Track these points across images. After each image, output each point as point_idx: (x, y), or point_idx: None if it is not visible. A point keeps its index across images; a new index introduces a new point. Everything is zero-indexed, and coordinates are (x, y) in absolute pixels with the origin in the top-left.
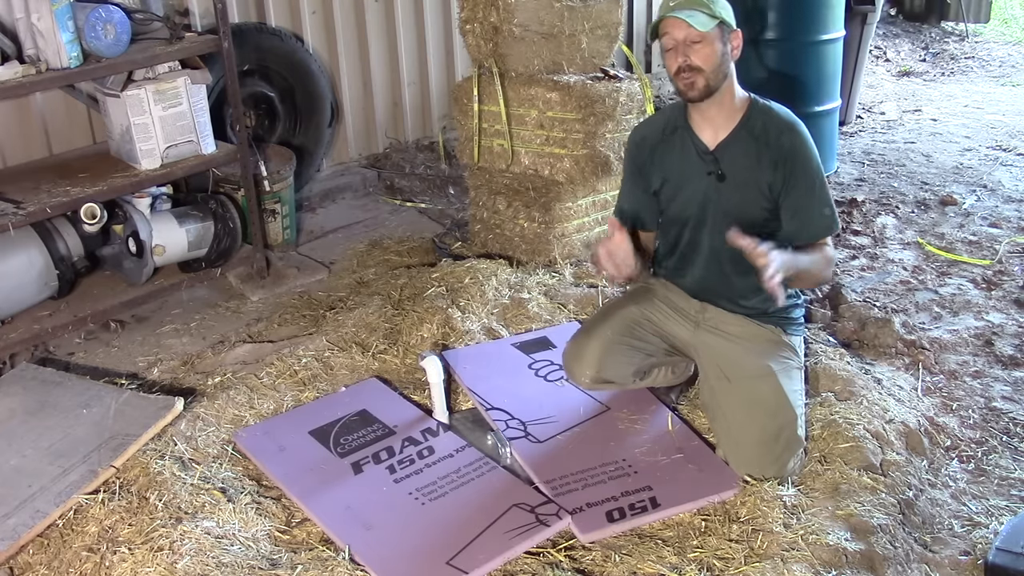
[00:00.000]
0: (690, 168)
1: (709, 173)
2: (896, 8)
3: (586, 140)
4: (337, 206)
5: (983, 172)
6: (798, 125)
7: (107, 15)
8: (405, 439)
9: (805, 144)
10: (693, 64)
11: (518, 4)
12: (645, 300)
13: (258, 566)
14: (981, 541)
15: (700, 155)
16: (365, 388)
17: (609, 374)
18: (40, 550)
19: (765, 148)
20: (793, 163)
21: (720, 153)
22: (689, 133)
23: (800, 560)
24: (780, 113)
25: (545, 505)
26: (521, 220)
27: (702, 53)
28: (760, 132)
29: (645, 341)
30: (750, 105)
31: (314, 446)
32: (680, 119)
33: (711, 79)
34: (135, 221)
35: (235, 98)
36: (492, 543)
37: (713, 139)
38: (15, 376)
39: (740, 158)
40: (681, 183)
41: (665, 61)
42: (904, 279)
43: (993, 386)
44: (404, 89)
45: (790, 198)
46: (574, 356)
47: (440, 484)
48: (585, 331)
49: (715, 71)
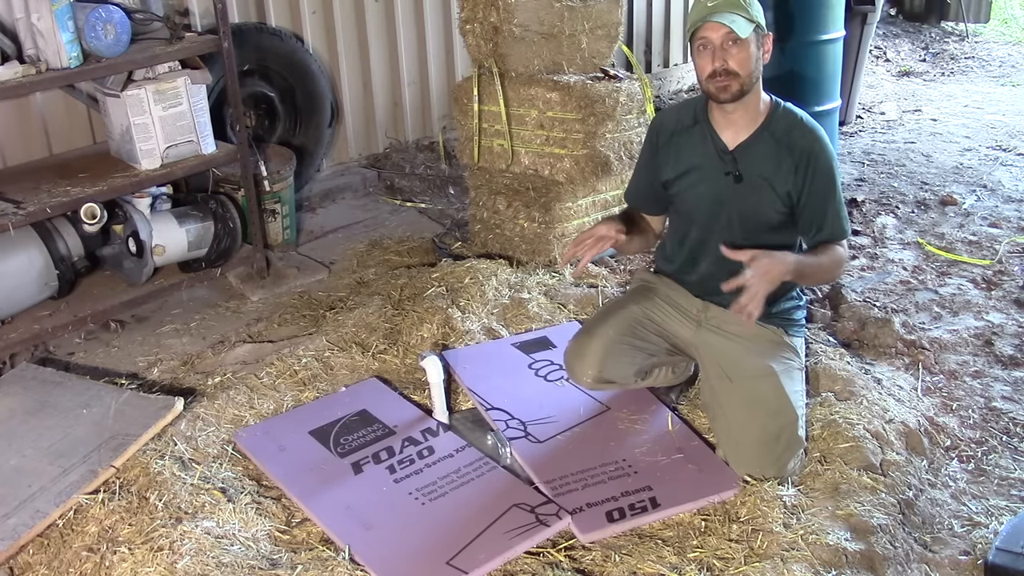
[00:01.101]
0: (707, 164)
1: (727, 173)
2: (896, 8)
3: (586, 140)
4: (337, 206)
5: (983, 172)
6: (820, 131)
7: (107, 15)
8: (405, 439)
9: (826, 150)
10: (731, 68)
11: (518, 4)
12: (646, 299)
13: (258, 566)
14: (981, 541)
15: (719, 153)
16: (365, 388)
17: (611, 374)
18: (40, 550)
19: (787, 152)
20: (815, 168)
21: (739, 154)
22: (709, 130)
23: (800, 560)
24: (803, 118)
25: (545, 505)
26: (521, 220)
27: (739, 57)
28: (782, 136)
29: (647, 341)
30: (772, 108)
31: (314, 446)
32: (702, 114)
33: (745, 83)
34: (135, 221)
35: (235, 98)
36: (492, 543)
37: (733, 139)
38: (15, 376)
39: (759, 160)
40: (696, 178)
41: (697, 61)
42: (904, 279)
43: (993, 386)
44: (404, 89)
45: (808, 202)
46: (576, 356)
47: (440, 484)
48: (587, 331)
49: (749, 76)
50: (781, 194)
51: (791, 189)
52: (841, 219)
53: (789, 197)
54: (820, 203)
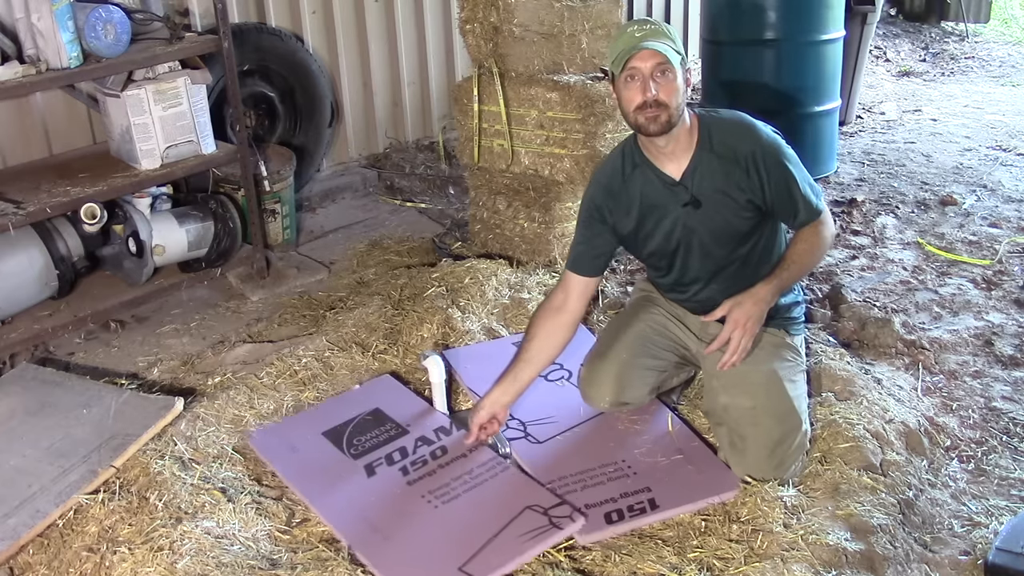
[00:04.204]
0: (662, 202)
1: (685, 204)
2: (896, 8)
3: (586, 140)
4: (337, 206)
5: (983, 172)
6: (750, 124)
7: (107, 15)
8: (418, 439)
9: (766, 142)
10: (660, 99)
11: (518, 4)
12: (651, 312)
13: (258, 566)
14: (981, 541)
15: (669, 188)
16: (379, 386)
17: (627, 396)
18: (40, 550)
19: (732, 163)
20: (764, 164)
21: (688, 181)
22: (650, 169)
23: (800, 560)
24: (729, 120)
25: (558, 507)
26: (521, 220)
27: (668, 88)
28: (721, 149)
29: (659, 358)
30: (701, 127)
31: (327, 447)
32: (638, 157)
33: (673, 115)
34: (135, 221)
35: (235, 98)
36: (505, 547)
37: (677, 170)
38: (15, 376)
39: (709, 180)
40: (657, 217)
41: (624, 94)
42: (904, 279)
43: (993, 386)
44: (404, 89)
45: (775, 197)
46: (590, 382)
47: (453, 486)
48: (599, 354)
49: (677, 107)
50: (742, 203)
51: (751, 196)
52: (810, 199)
53: (751, 203)
54: (785, 193)
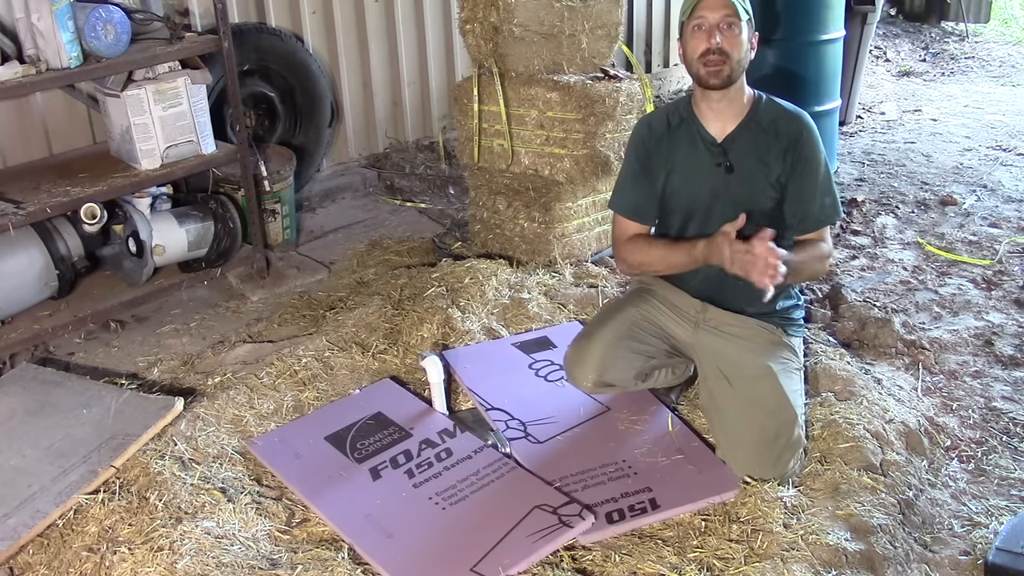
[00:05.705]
0: (698, 160)
1: (718, 165)
2: (896, 8)
3: (586, 140)
4: (337, 206)
5: (983, 172)
6: (805, 116)
7: (107, 15)
8: (422, 441)
9: (812, 133)
10: (724, 48)
11: (518, 4)
12: (644, 301)
13: (258, 566)
14: (981, 541)
15: (708, 147)
16: (379, 390)
17: (611, 377)
18: (40, 550)
19: (774, 139)
20: (800, 150)
21: (728, 145)
22: (696, 124)
23: (800, 560)
24: (787, 106)
25: (567, 505)
26: (521, 220)
27: (734, 40)
28: (768, 124)
29: (646, 343)
30: (756, 100)
31: (331, 452)
32: (686, 110)
33: (735, 69)
34: (135, 221)
35: (235, 98)
36: (516, 547)
37: (721, 131)
38: (15, 376)
39: (748, 149)
40: (688, 175)
41: (689, 42)
42: (904, 279)
43: (993, 386)
44: (404, 89)
45: (794, 185)
46: (575, 360)
47: (460, 487)
48: (586, 335)
49: (739, 61)
50: (772, 180)
51: (780, 174)
52: (826, 204)
53: (778, 182)
54: (805, 187)
